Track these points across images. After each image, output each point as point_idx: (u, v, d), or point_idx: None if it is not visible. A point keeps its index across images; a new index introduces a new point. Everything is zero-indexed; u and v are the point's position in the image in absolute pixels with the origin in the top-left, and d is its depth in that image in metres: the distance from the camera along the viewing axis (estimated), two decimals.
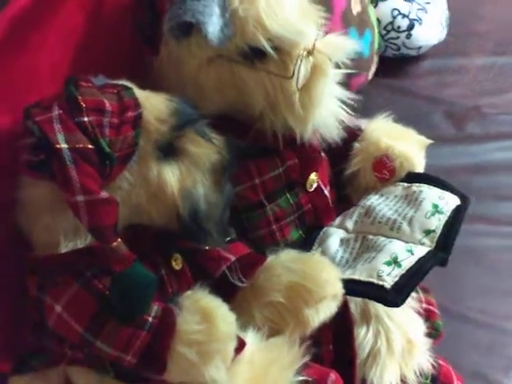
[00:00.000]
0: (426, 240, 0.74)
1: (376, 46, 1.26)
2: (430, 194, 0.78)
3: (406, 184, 0.81)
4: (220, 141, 0.62)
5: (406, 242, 0.75)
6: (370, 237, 0.76)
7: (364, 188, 0.82)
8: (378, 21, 1.28)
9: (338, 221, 0.80)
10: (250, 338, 0.65)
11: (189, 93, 0.70)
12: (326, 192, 0.80)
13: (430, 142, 0.85)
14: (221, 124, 0.68)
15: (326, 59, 0.69)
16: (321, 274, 0.67)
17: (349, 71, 0.76)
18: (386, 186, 0.81)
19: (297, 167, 0.75)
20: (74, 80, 0.56)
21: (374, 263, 0.72)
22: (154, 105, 0.59)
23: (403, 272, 0.70)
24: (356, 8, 1.20)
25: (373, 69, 1.28)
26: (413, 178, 0.81)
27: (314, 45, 0.69)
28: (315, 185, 0.78)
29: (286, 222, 0.77)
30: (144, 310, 0.57)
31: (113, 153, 0.56)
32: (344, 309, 0.73)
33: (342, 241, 0.77)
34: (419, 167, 0.82)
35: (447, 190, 0.79)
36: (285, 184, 0.75)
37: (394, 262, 0.71)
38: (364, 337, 0.75)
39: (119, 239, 0.55)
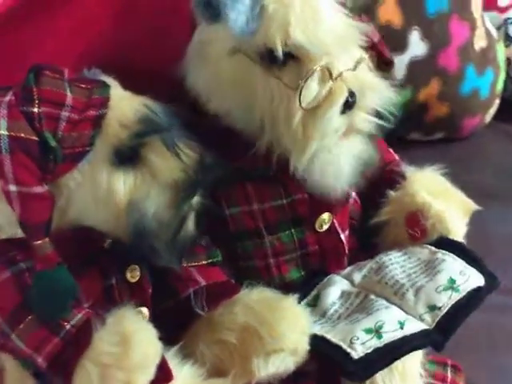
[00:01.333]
0: (427, 316, 0.66)
1: (499, 87, 1.14)
2: (452, 267, 0.69)
3: (433, 248, 0.72)
4: (191, 158, 0.58)
5: (406, 313, 0.66)
6: (372, 296, 0.69)
7: (392, 241, 0.74)
8: (509, 61, 1.16)
9: (347, 270, 0.73)
10: (186, 372, 0.61)
11: (205, 81, 0.66)
12: (343, 236, 0.73)
13: (477, 208, 0.75)
14: (219, 139, 0.65)
15: (344, 90, 0.62)
16: (280, 325, 0.61)
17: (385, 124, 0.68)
18: (414, 245, 0.73)
19: (306, 203, 0.69)
20: (37, 68, 0.55)
21: (354, 326, 0.64)
22: (123, 108, 0.57)
23: (379, 345, 0.62)
24: (480, 43, 1.09)
25: (491, 112, 1.16)
26: (443, 243, 0.72)
27: (341, 73, 0.63)
28: (327, 226, 0.71)
29: (285, 259, 0.71)
30: (58, 314, 0.55)
31: (59, 148, 0.54)
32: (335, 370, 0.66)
33: (343, 293, 0.70)
34: (455, 233, 0.73)
35: (475, 266, 0.69)
36: (290, 218, 0.69)
37: (376, 331, 0.63)
38: None
39: (47, 239, 0.54)
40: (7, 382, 0.60)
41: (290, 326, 0.62)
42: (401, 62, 1.04)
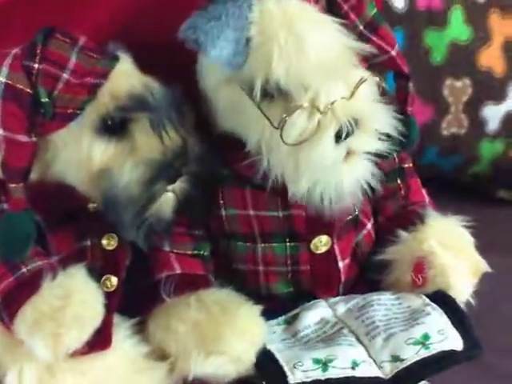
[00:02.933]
0: (387, 365, 0.63)
1: None
2: (433, 323, 0.65)
3: (427, 300, 0.68)
4: (174, 143, 0.60)
5: (369, 356, 0.64)
6: (345, 331, 0.67)
7: (393, 281, 0.71)
8: None
9: (336, 299, 0.71)
10: (129, 346, 0.63)
11: (210, 104, 0.67)
12: (341, 264, 0.71)
13: (487, 270, 0.69)
14: (223, 140, 0.67)
15: (334, 123, 0.60)
16: (227, 329, 0.61)
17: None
18: (411, 292, 0.69)
19: (303, 220, 0.68)
20: (47, 30, 0.59)
21: (306, 353, 0.63)
22: (119, 82, 0.60)
23: (320, 378, 0.60)
24: None
25: None
26: (438, 297, 0.68)
27: (331, 104, 0.60)
28: (324, 249, 0.70)
29: (275, 270, 0.71)
30: (13, 255, 0.59)
31: (51, 105, 0.58)
32: None
33: (321, 320, 0.69)
34: (457, 290, 0.68)
35: (461, 330, 0.64)
36: (286, 231, 0.69)
37: (324, 363, 0.62)
38: None
39: (21, 184, 0.58)
40: None
41: (238, 334, 0.62)
42: (496, 114, 0.99)
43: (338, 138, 0.60)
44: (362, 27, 0.66)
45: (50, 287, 0.59)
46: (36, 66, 0.58)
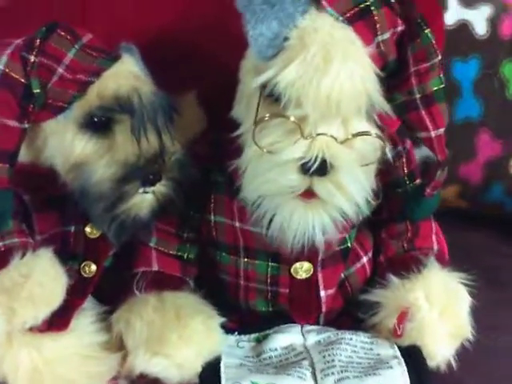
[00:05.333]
0: None
1: None
2: (391, 378, 0.62)
3: (397, 353, 0.65)
4: (151, 148, 0.61)
5: None
6: (304, 363, 0.65)
7: (376, 323, 0.68)
8: None
9: (312, 327, 0.70)
10: (85, 332, 0.65)
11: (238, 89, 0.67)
12: (323, 293, 0.69)
13: (469, 337, 0.65)
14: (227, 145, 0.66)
15: (302, 151, 0.58)
16: (172, 334, 0.62)
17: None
18: (388, 340, 0.67)
19: None
20: (52, 25, 0.62)
21: (251, 375, 0.63)
22: (109, 82, 0.62)
23: None
24: None
25: None
26: (410, 354, 0.65)
27: (316, 135, 0.58)
28: (305, 275, 0.68)
29: (255, 287, 0.70)
30: None
31: (42, 96, 0.61)
32: None
33: (290, 346, 0.68)
34: (431, 351, 0.65)
35: None
36: (270, 250, 0.68)
37: None
38: None
39: (7, 165, 0.62)
40: None
41: (184, 341, 0.62)
42: None
43: (304, 168, 0.59)
44: (417, 96, 0.63)
45: (17, 264, 0.63)
46: (32, 58, 0.61)
